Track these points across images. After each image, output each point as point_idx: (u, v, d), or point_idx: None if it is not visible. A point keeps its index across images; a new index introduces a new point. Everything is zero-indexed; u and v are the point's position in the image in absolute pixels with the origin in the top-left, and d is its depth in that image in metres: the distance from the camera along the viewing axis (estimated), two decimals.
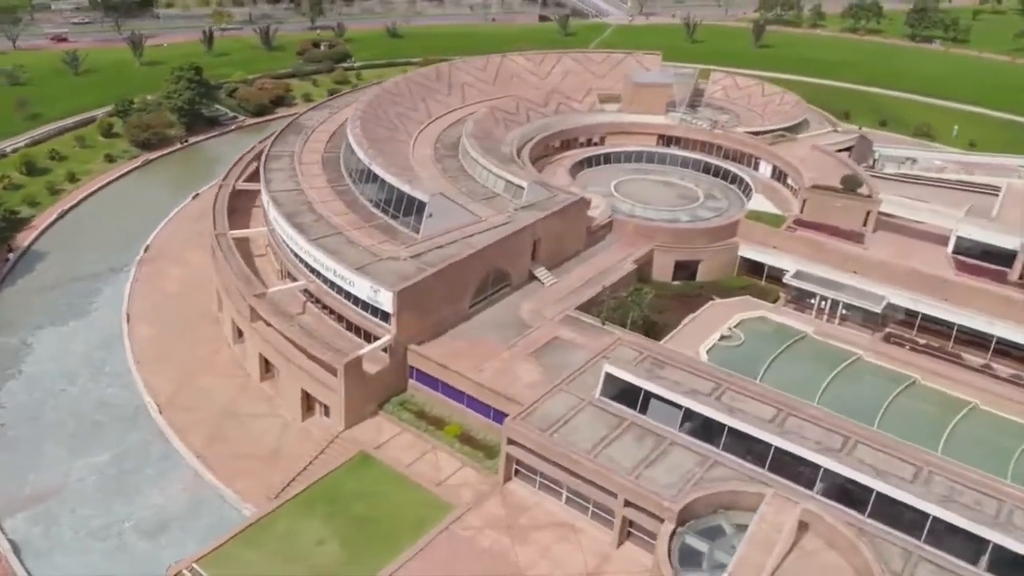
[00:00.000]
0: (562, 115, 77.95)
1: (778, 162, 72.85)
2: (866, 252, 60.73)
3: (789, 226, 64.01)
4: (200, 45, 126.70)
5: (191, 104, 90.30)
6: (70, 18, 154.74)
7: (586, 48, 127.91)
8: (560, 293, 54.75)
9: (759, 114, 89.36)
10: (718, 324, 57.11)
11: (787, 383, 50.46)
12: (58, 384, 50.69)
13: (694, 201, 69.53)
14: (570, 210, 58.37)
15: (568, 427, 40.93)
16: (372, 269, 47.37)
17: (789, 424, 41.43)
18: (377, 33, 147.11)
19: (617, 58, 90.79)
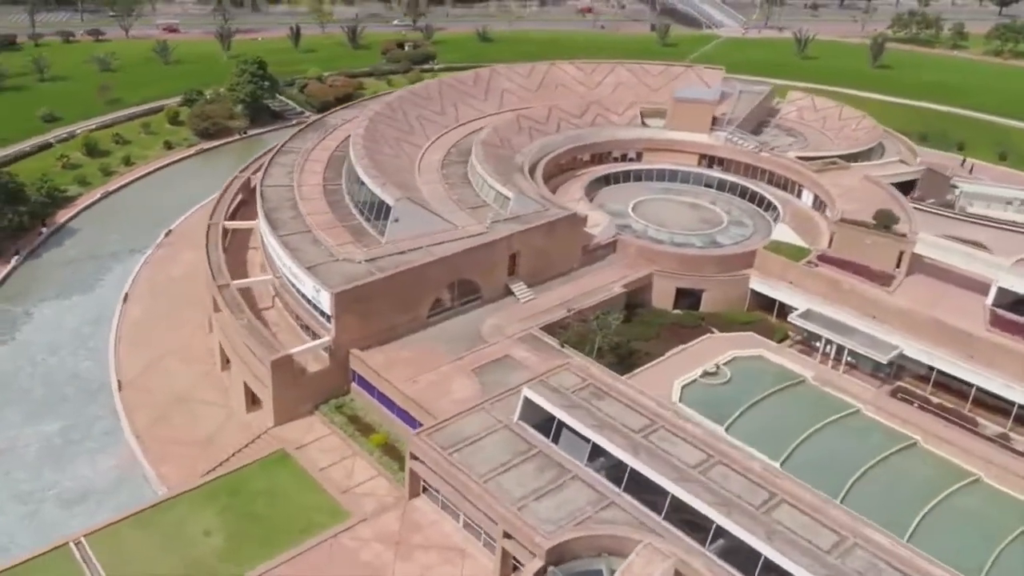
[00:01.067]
0: (596, 128, 77.04)
1: (819, 191, 69.00)
2: (889, 296, 56.54)
3: (811, 261, 60.51)
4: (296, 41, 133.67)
5: (253, 97, 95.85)
6: (188, 10, 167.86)
7: (677, 60, 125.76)
8: (531, 311, 54.31)
9: (830, 138, 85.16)
10: (708, 359, 54.82)
11: (761, 430, 48.22)
12: (40, 354, 55.37)
13: (716, 226, 66.94)
14: (558, 225, 57.74)
15: (474, 448, 40.61)
16: (322, 269, 48.84)
17: (713, 472, 39.40)
18: (467, 36, 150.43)
19: (675, 71, 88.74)
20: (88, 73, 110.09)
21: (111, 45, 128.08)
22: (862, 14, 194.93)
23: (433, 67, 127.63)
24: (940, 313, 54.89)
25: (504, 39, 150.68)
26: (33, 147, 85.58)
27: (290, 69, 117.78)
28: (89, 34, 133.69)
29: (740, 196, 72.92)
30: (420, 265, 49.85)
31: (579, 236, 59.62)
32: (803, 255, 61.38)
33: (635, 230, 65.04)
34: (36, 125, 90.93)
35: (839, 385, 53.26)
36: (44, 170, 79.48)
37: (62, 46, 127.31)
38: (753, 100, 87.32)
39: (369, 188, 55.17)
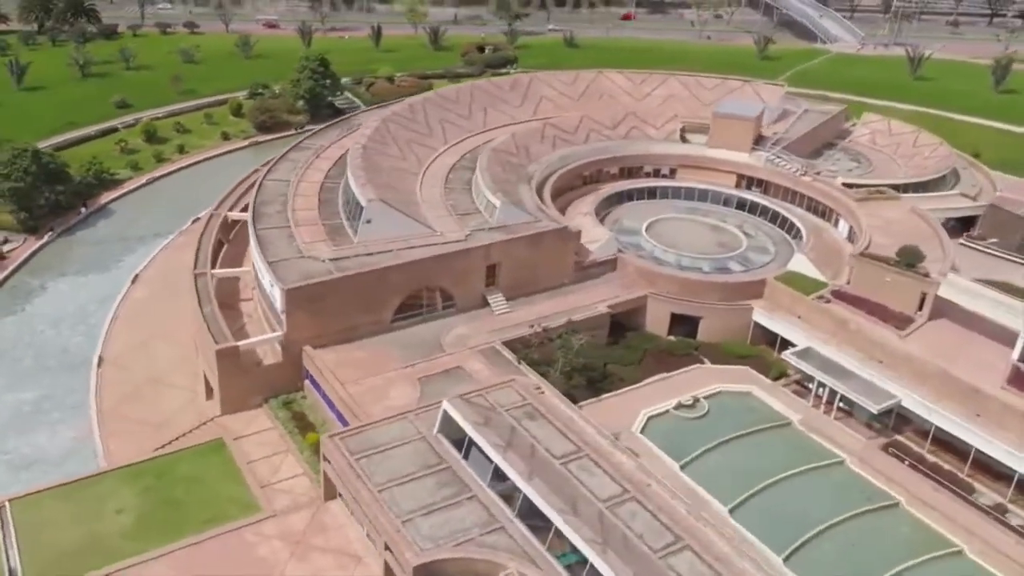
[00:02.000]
0: (627, 141, 75.72)
1: (853, 221, 65.13)
2: (899, 340, 52.72)
3: (823, 296, 57.25)
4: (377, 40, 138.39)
5: (311, 93, 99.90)
6: (293, 7, 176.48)
7: (770, 75, 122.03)
8: (503, 324, 54.10)
9: (899, 165, 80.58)
10: (689, 390, 52.95)
11: (722, 471, 46.54)
12: (42, 326, 59.99)
13: (732, 251, 64.40)
14: (545, 238, 57.28)
15: (383, 456, 40.91)
16: (283, 264, 50.55)
17: (622, 509, 38.04)
18: (553, 42, 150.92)
19: (732, 85, 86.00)
20: (171, 64, 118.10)
21: (203, 38, 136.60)
22: (1007, 33, 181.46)
23: (509, 71, 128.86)
24: (958, 364, 50.80)
25: (593, 46, 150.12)
26: (98, 131, 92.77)
27: (365, 68, 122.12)
28: (185, 26, 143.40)
29: (771, 221, 69.73)
30: (381, 268, 50.74)
31: (570, 250, 58.84)
32: (817, 289, 58.14)
33: (644, 249, 63.61)
34: (109, 111, 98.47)
35: (827, 433, 50.37)
36: (103, 153, 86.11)
37: (158, 37, 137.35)
38: (815, 120, 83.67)
39: (351, 187, 56.63)
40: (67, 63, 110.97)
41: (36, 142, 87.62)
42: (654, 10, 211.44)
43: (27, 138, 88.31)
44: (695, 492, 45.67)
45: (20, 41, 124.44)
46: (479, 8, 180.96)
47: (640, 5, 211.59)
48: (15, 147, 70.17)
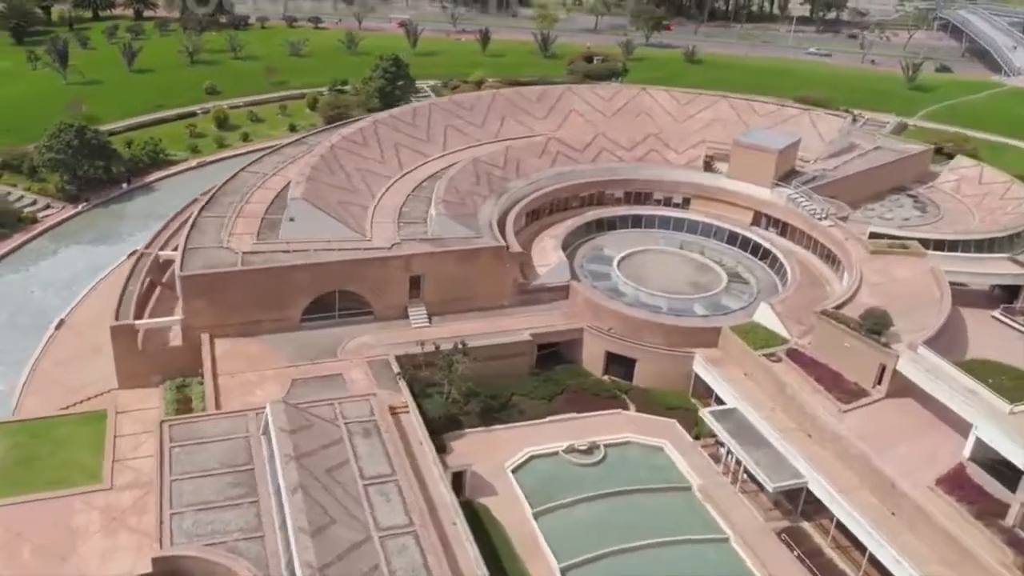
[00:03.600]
0: (639, 164, 72.96)
1: (852, 274, 59.18)
2: (834, 416, 47.73)
3: (775, 354, 52.79)
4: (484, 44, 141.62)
5: (381, 92, 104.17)
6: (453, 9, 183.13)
7: (913, 108, 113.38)
8: (411, 338, 54.28)
9: (973, 218, 72.36)
10: (598, 434, 51.14)
11: (582, 527, 45.59)
12: (35, 286, 67.41)
13: (703, 292, 60.78)
14: (478, 256, 57.00)
15: (199, 448, 42.77)
16: (199, 252, 53.85)
17: (393, 542, 37.50)
18: (673, 56, 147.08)
19: (788, 112, 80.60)
20: (278, 55, 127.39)
21: (325, 33, 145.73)
22: None
23: (611, 83, 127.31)
24: (894, 452, 45.56)
25: (716, 63, 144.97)
26: (178, 114, 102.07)
27: (462, 71, 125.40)
28: (310, 21, 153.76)
29: (771, 265, 64.89)
30: (284, 267, 52.82)
31: (508, 271, 58.03)
32: (774, 344, 53.72)
33: (610, 280, 61.50)
34: (199, 96, 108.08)
35: (725, 505, 47.36)
36: (173, 134, 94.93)
37: (284, 29, 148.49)
38: (878, 159, 76.69)
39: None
40: (178, 49, 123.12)
41: (120, 120, 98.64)
42: (826, 28, 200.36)
43: (115, 116, 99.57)
44: (535, 543, 44.23)
45: (155, 27, 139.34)
46: (623, 17, 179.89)
47: (809, 22, 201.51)
48: (62, 122, 79.20)
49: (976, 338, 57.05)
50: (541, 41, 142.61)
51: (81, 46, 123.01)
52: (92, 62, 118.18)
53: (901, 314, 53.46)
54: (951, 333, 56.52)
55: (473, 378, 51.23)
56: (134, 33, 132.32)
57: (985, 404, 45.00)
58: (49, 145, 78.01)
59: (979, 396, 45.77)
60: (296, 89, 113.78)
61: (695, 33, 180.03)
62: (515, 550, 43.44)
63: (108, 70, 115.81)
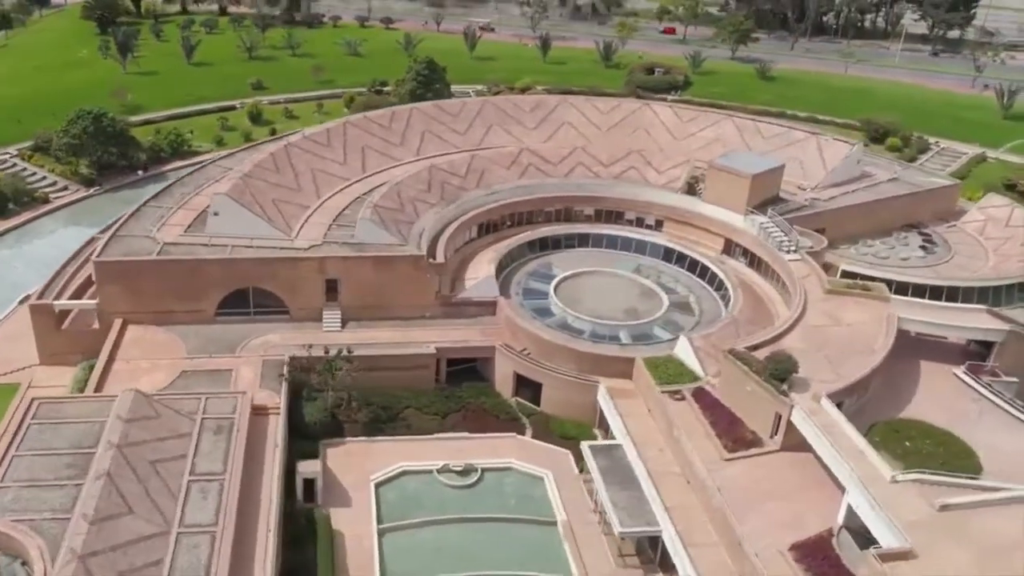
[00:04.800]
0: (610, 182, 71.29)
1: (792, 312, 55.70)
2: (710, 465, 45.41)
3: (678, 392, 50.61)
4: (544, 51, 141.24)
5: (412, 95, 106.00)
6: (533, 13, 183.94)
7: (997, 141, 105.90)
8: (320, 341, 55.04)
9: (988, 262, 66.98)
10: (481, 457, 50.56)
11: (417, 549, 45.80)
12: (18, 263, 72.75)
13: (635, 319, 59.00)
14: (395, 263, 57.46)
15: (54, 427, 44.79)
16: (123, 240, 56.91)
17: (190, 539, 38.47)
18: (745, 71, 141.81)
19: (794, 136, 76.59)
20: (335, 54, 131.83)
21: (392, 34, 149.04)
22: None
23: (666, 98, 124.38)
24: (769, 508, 43.08)
25: (789, 80, 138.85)
26: (217, 107, 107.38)
27: (516, 77, 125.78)
28: (382, 21, 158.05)
29: (724, 297, 61.99)
30: (195, 260, 55.05)
31: (428, 281, 58.12)
32: (682, 381, 51.47)
33: (545, 300, 60.60)
34: (244, 90, 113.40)
35: (585, 545, 45.94)
36: (206, 127, 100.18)
37: (356, 29, 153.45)
38: (886, 192, 71.89)
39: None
40: (236, 45, 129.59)
41: (161, 110, 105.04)
42: (946, 48, 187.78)
43: (158, 106, 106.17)
44: (369, 559, 44.22)
45: (229, 23, 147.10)
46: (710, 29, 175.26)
47: (927, 40, 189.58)
48: (81, 109, 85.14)
49: (925, 396, 52.88)
50: (603, 50, 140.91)
51: (155, 37, 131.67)
52: (158, 54, 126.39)
53: (829, 361, 50.48)
54: (896, 388, 52.79)
55: (362, 386, 51.85)
56: (208, 27, 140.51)
57: (867, 469, 41.73)
58: (66, 130, 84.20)
59: (865, 459, 42.49)
60: (342, 88, 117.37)
61: (791, 48, 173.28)
62: (345, 563, 43.69)
63: (168, 62, 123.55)
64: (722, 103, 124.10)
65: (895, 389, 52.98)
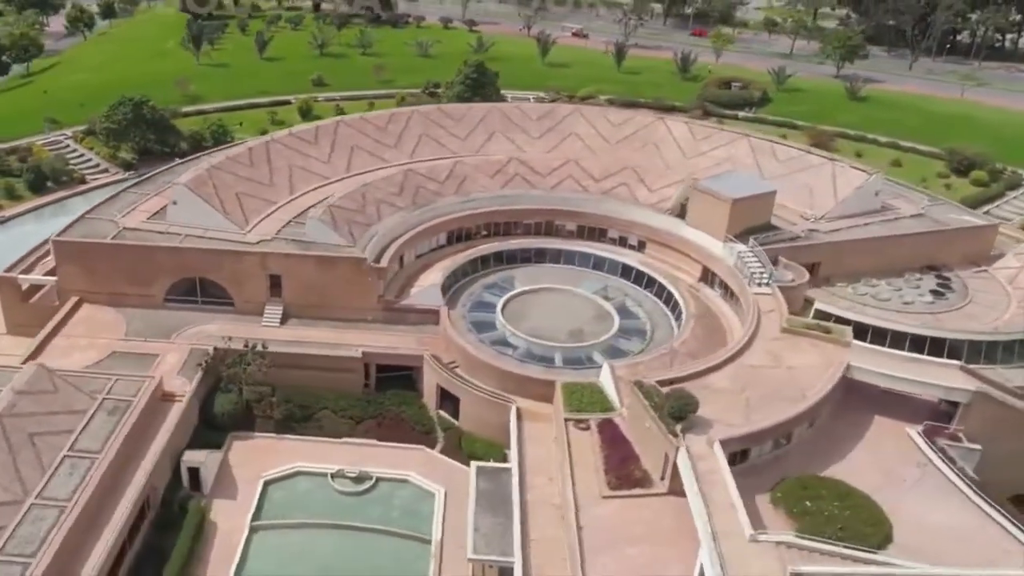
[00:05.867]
0: (596, 198, 69.86)
1: (732, 352, 53.00)
2: (581, 500, 44.05)
3: (583, 422, 49.42)
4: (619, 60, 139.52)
5: (460, 97, 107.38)
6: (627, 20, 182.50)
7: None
8: (252, 335, 56.90)
9: (1007, 315, 62.02)
10: (382, 467, 51.25)
11: (280, 551, 46.91)
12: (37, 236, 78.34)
13: (576, 342, 57.84)
14: (336, 264, 58.69)
15: None
16: (89, 222, 60.76)
17: (38, 512, 41.05)
18: (833, 89, 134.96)
19: (809, 161, 72.54)
20: (405, 54, 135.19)
21: (470, 36, 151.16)
22: None
23: (736, 115, 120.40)
24: (627, 553, 41.70)
25: (882, 101, 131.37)
26: (273, 101, 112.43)
27: (579, 84, 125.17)
28: (465, 23, 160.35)
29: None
30: (144, 246, 58.17)
31: (369, 285, 59.01)
32: (597, 409, 50.20)
33: (491, 314, 60.47)
34: (304, 86, 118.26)
35: (448, 566, 45.99)
36: (256, 119, 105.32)
37: (439, 30, 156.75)
38: (901, 228, 67.37)
39: None
40: (308, 42, 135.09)
41: (220, 101, 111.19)
42: None
43: (217, 97, 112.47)
44: (232, 554, 45.52)
45: (313, 20, 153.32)
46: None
47: None
48: (124, 96, 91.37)
49: (866, 454, 49.10)
50: (680, 61, 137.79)
51: (241, 32, 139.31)
52: (238, 47, 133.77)
53: (748, 405, 47.96)
54: (835, 442, 49.45)
55: (289, 384, 54.03)
56: (293, 24, 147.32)
57: (729, 523, 39.53)
58: (108, 116, 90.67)
59: (732, 513, 40.23)
60: (400, 88, 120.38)
61: (909, 68, 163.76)
62: (207, 554, 45.18)
63: (242, 56, 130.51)
64: (797, 122, 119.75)
65: (833, 443, 49.56)
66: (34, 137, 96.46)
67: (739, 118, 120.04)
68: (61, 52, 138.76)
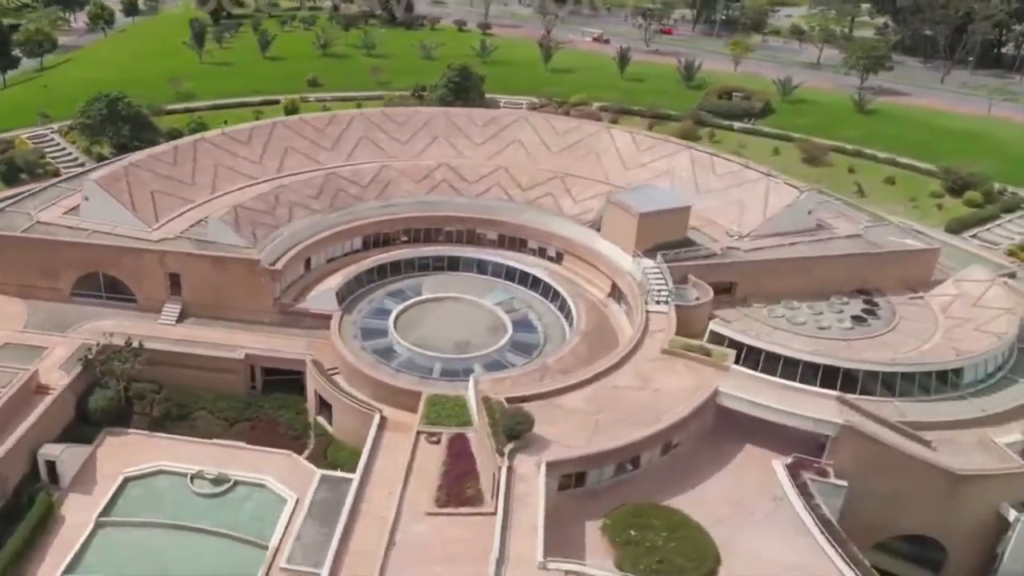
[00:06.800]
0: (513, 205, 68.93)
1: (596, 371, 51.54)
2: (401, 516, 43.43)
3: (437, 435, 48.79)
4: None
5: (442, 100, 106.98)
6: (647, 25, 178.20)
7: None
8: (147, 332, 57.86)
9: (927, 345, 59.37)
10: (245, 470, 51.53)
11: (122, 548, 47.05)
12: None
13: (461, 352, 57.21)
14: (228, 265, 59.30)
15: None
16: (4, 216, 62.55)
17: None
18: (841, 101, 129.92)
19: (746, 176, 70.49)
20: (409, 56, 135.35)
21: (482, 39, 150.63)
22: None
23: (732, 126, 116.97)
24: (433, 572, 40.66)
25: (892, 116, 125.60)
26: (263, 100, 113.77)
27: (576, 90, 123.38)
28: (479, 27, 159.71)
29: None
30: (47, 240, 59.76)
31: (263, 287, 59.37)
32: (451, 423, 49.52)
33: (385, 322, 60.22)
34: (299, 86, 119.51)
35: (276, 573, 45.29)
36: (242, 118, 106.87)
37: (453, 32, 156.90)
38: (829, 250, 64.78)
39: None
40: (311, 42, 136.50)
41: (212, 99, 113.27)
42: None
43: (210, 95, 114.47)
44: (69, 547, 46.19)
45: (328, 19, 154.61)
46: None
47: None
48: (99, 92, 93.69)
49: (721, 484, 47.79)
50: (684, 68, 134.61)
51: (253, 30, 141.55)
52: (246, 46, 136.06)
53: (596, 427, 46.82)
54: (691, 470, 48.06)
55: (175, 383, 55.23)
56: (306, 24, 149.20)
57: (524, 547, 38.76)
58: (83, 111, 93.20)
59: (531, 537, 39.20)
60: (394, 90, 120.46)
61: (941, 81, 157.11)
62: (47, 547, 45.91)
63: (246, 55, 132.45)
64: (793, 135, 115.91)
65: (691, 471, 47.94)
66: (24, 130, 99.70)
67: (734, 129, 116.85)
68: (79, 48, 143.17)
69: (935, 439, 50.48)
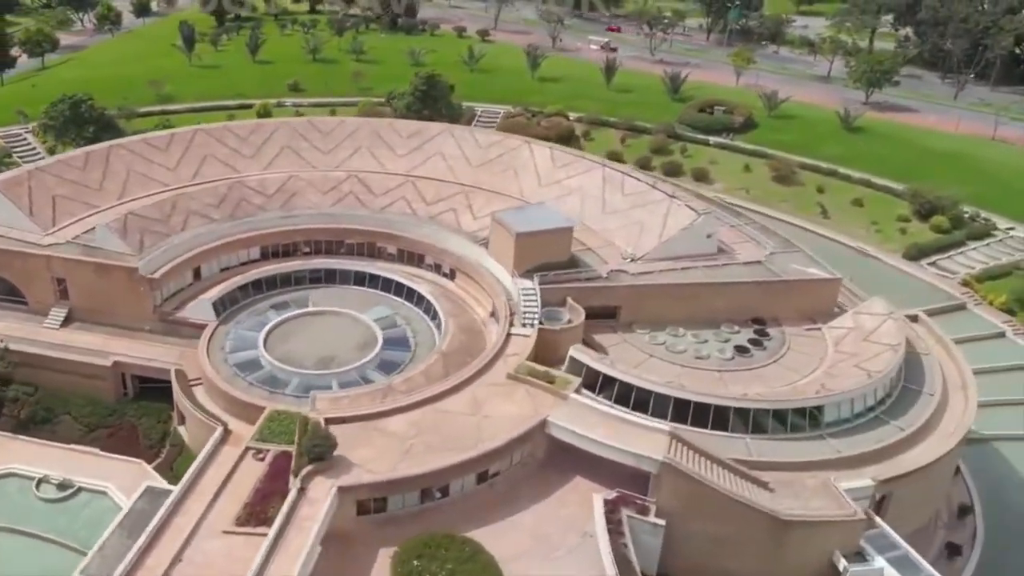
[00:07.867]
0: (416, 220, 68.93)
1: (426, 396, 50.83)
2: (199, 532, 43.64)
3: (263, 452, 48.76)
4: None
5: (409, 108, 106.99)
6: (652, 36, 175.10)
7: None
8: (29, 334, 59.43)
9: (803, 380, 57.43)
10: (94, 476, 52.29)
11: None
12: None
13: (324, 368, 57.17)
14: (108, 272, 60.31)
15: None
16: None
17: None
18: (826, 117, 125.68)
19: (652, 197, 69.33)
20: (397, 62, 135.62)
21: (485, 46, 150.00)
22: None
23: (708, 140, 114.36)
24: None
25: (878, 134, 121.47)
26: (240, 104, 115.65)
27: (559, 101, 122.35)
28: (478, 33, 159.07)
29: None
30: None
31: (141, 294, 60.20)
32: (282, 440, 49.25)
33: (257, 335, 60.57)
34: (279, 90, 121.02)
35: None
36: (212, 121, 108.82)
37: (453, 38, 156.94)
38: (724, 276, 62.94)
39: None
40: (301, 46, 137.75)
41: (191, 102, 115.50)
42: None
43: (190, 98, 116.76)
44: None
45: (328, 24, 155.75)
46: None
47: None
48: (64, 95, 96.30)
49: (535, 516, 47.20)
50: (669, 80, 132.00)
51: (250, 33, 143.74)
52: (236, 49, 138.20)
53: (409, 453, 46.39)
54: (510, 502, 47.54)
55: (48, 386, 56.75)
56: (306, 27, 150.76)
57: (287, 572, 38.32)
58: (47, 112, 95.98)
59: (295, 563, 38.91)
60: (375, 96, 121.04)
61: (955, 98, 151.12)
62: None
63: (236, 58, 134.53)
64: (768, 151, 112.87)
65: (507, 501, 47.27)
66: (1, 129, 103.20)
67: (709, 144, 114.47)
68: (84, 48, 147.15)
69: (778, 480, 48.88)
